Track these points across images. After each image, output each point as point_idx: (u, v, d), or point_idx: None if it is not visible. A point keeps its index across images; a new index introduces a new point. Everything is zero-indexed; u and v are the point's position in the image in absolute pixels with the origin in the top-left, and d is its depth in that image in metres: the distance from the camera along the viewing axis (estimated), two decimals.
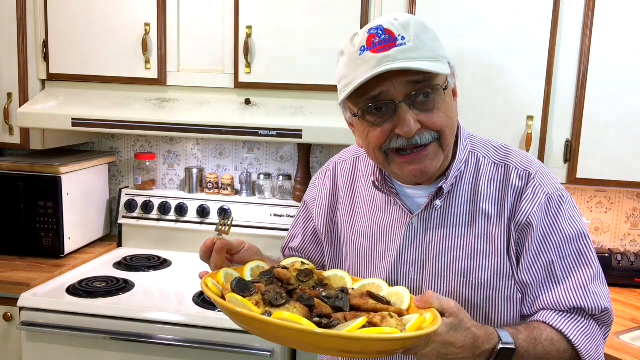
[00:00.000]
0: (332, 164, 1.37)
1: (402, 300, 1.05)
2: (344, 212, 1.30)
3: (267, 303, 0.97)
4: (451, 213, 1.17)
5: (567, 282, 1.13)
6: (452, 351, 0.99)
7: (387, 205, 1.23)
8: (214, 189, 2.55)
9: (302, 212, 1.41)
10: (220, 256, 1.16)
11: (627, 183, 2.02)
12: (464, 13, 2.01)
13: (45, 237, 2.32)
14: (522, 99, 2.01)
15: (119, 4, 2.22)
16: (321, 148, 2.54)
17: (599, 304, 1.12)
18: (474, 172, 1.18)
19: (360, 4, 2.06)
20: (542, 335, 1.09)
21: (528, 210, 1.13)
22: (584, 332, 1.11)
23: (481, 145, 1.21)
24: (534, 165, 1.17)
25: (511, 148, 1.21)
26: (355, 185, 1.30)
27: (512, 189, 1.15)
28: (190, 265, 2.38)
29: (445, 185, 1.15)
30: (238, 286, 1.01)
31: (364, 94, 1.06)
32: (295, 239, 1.41)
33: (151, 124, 2.13)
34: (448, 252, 1.15)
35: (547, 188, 1.15)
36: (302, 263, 1.13)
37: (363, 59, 1.04)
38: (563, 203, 1.15)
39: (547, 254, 1.13)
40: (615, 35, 1.95)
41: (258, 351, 1.81)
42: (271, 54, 2.14)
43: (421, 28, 1.06)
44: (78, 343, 1.92)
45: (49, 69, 2.29)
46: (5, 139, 2.36)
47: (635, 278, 2.18)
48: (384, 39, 1.03)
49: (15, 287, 2.04)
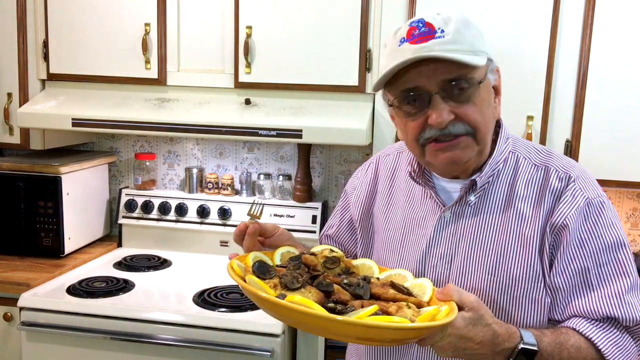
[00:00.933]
0: (377, 157, 1.38)
1: (425, 291, 1.06)
2: (381, 203, 1.31)
3: (283, 286, 0.99)
4: (484, 210, 1.16)
5: (601, 290, 1.09)
6: (470, 346, 0.98)
7: (423, 199, 1.23)
8: (214, 189, 2.55)
9: (341, 202, 1.43)
10: (252, 239, 1.17)
11: (627, 183, 2.02)
12: (464, 13, 2.00)
13: (45, 237, 2.32)
14: (522, 99, 2.01)
15: (119, 4, 2.22)
16: (321, 148, 2.54)
17: (635, 315, 1.08)
18: (512, 172, 1.17)
19: (360, 3, 2.06)
20: (568, 341, 1.06)
21: (565, 213, 1.10)
22: (615, 343, 1.08)
23: (523, 147, 1.21)
24: (576, 169, 1.15)
25: (554, 151, 1.20)
26: (395, 178, 1.31)
27: (551, 190, 1.13)
28: (190, 265, 2.38)
29: (479, 179, 1.14)
30: (259, 269, 1.05)
31: (401, 84, 1.08)
32: (332, 228, 1.43)
33: (151, 124, 2.13)
34: (477, 247, 1.14)
35: (588, 193, 1.12)
36: (330, 250, 1.14)
37: (401, 50, 1.06)
38: (604, 209, 1.12)
39: (583, 259, 1.10)
40: (615, 35, 1.95)
41: (258, 351, 1.81)
42: (271, 54, 2.14)
43: (463, 23, 1.07)
44: (78, 343, 1.92)
45: (49, 69, 2.30)
46: (5, 139, 2.36)
47: None
48: (423, 31, 1.05)
49: (15, 287, 2.04)
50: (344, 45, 2.08)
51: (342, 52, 2.08)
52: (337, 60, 2.09)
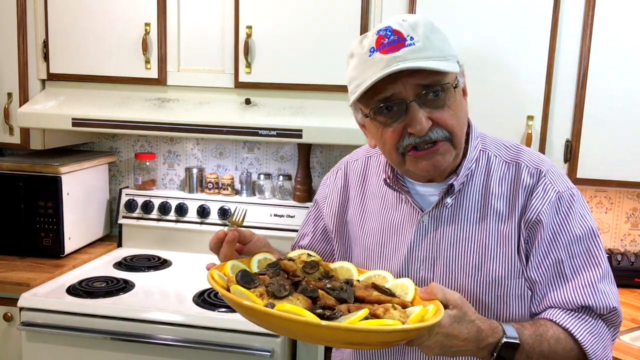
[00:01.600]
0: (344, 163, 1.37)
1: (407, 292, 1.06)
2: (354, 211, 1.31)
3: (270, 295, 0.98)
4: (462, 211, 1.17)
5: (575, 281, 1.13)
6: (456, 343, 0.99)
7: (398, 204, 1.23)
8: (214, 189, 2.55)
9: (312, 211, 1.41)
10: (230, 247, 1.15)
11: (627, 183, 2.02)
12: (464, 13, 2.01)
13: (45, 237, 2.32)
14: (522, 99, 2.01)
15: (119, 4, 2.22)
16: (321, 148, 2.54)
17: (607, 303, 1.12)
18: (484, 171, 1.18)
19: (360, 3, 2.06)
20: (547, 332, 1.09)
21: (538, 208, 1.13)
22: (590, 332, 1.11)
23: (492, 144, 1.22)
24: (545, 164, 1.18)
25: (522, 147, 1.22)
26: (367, 184, 1.31)
27: (523, 186, 1.15)
28: (190, 265, 2.38)
29: (455, 183, 1.15)
30: (243, 278, 1.02)
31: (375, 94, 1.07)
32: (305, 237, 1.41)
33: (151, 124, 2.13)
34: (458, 250, 1.16)
35: (558, 186, 1.15)
36: (308, 255, 1.14)
37: (373, 60, 1.05)
38: (574, 202, 1.15)
39: (557, 252, 1.13)
40: (615, 35, 1.95)
41: (258, 351, 1.81)
42: (271, 54, 2.14)
43: (430, 28, 1.07)
44: (78, 343, 1.92)
45: (49, 69, 2.29)
46: (5, 139, 2.36)
47: (635, 278, 2.18)
48: (393, 39, 1.05)
49: (15, 287, 2.04)
50: (344, 45, 2.07)
51: (342, 52, 2.07)
52: (337, 60, 2.08)
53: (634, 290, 2.17)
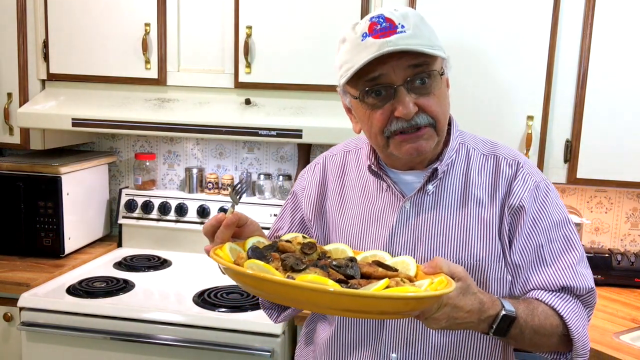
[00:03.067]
0: (322, 157, 1.40)
1: (409, 268, 1.08)
2: (333, 200, 1.33)
3: (287, 268, 0.98)
4: (444, 197, 1.22)
5: (556, 264, 1.19)
6: (461, 315, 1.02)
7: (379, 192, 1.27)
8: (214, 189, 2.55)
9: (289, 203, 1.42)
10: (230, 231, 1.14)
11: (627, 183, 2.02)
12: (464, 13, 2.01)
13: (45, 237, 2.32)
14: (522, 99, 2.01)
15: (119, 4, 2.22)
16: (321, 148, 2.54)
17: (586, 284, 1.19)
18: (464, 161, 1.24)
19: (360, 3, 2.06)
20: (537, 309, 1.15)
21: (520, 194, 1.19)
22: (573, 310, 1.17)
23: (470, 139, 1.28)
24: (521, 157, 1.25)
25: (496, 142, 1.29)
26: (345, 176, 1.34)
27: (503, 176, 1.21)
28: (190, 265, 2.38)
29: (440, 167, 1.20)
30: (254, 254, 1.02)
31: (364, 76, 1.12)
32: (282, 230, 1.41)
33: (151, 124, 2.13)
34: (440, 234, 1.20)
35: (535, 177, 1.22)
36: (303, 237, 1.14)
37: (365, 44, 1.10)
38: (549, 190, 1.22)
39: (537, 237, 1.19)
40: (615, 35, 1.95)
41: (258, 351, 1.81)
42: (271, 54, 2.14)
43: (419, 19, 1.13)
44: (78, 343, 1.92)
45: (49, 69, 2.29)
46: (5, 139, 2.36)
47: (635, 278, 2.18)
48: (385, 26, 1.10)
49: (15, 287, 2.04)
50: None
51: None
52: None
53: (634, 290, 2.17)
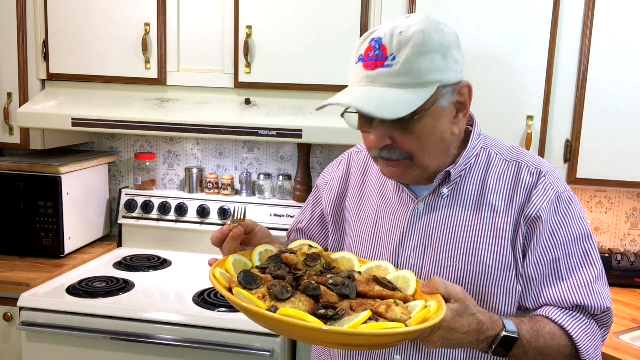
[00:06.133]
0: (348, 154, 1.41)
1: (409, 284, 1.07)
2: (353, 198, 1.34)
3: (273, 297, 0.98)
4: (457, 202, 1.19)
5: (571, 280, 1.15)
6: (457, 336, 1.01)
7: (396, 192, 1.26)
8: (214, 189, 2.55)
9: (312, 196, 1.44)
10: (236, 243, 1.16)
11: (627, 183, 2.02)
12: (464, 13, 2.01)
13: (45, 237, 2.32)
14: (522, 99, 2.01)
15: (119, 4, 2.22)
16: (321, 148, 2.54)
17: (602, 303, 1.14)
18: (484, 167, 1.21)
19: (360, 3, 2.06)
20: (544, 329, 1.11)
21: (539, 205, 1.15)
22: (584, 330, 1.13)
23: (494, 144, 1.24)
24: (545, 165, 1.21)
25: (523, 149, 1.25)
26: (367, 174, 1.34)
27: (523, 184, 1.17)
28: (190, 265, 2.38)
29: (453, 171, 1.17)
30: (245, 279, 1.02)
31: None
32: (303, 222, 1.44)
33: (151, 124, 2.13)
34: (450, 239, 1.18)
35: (558, 187, 1.17)
36: (309, 247, 1.14)
37: (355, 69, 1.10)
38: (572, 203, 1.18)
39: (554, 250, 1.15)
40: (615, 35, 1.95)
41: (258, 351, 1.81)
42: (271, 54, 2.14)
43: (418, 49, 1.04)
44: (78, 343, 1.92)
45: (49, 69, 2.29)
46: (5, 139, 2.36)
47: (635, 278, 2.18)
48: (376, 55, 1.06)
49: (15, 287, 2.04)
50: (344, 46, 2.08)
51: (342, 52, 2.08)
52: (337, 61, 2.09)
53: (634, 290, 2.17)
